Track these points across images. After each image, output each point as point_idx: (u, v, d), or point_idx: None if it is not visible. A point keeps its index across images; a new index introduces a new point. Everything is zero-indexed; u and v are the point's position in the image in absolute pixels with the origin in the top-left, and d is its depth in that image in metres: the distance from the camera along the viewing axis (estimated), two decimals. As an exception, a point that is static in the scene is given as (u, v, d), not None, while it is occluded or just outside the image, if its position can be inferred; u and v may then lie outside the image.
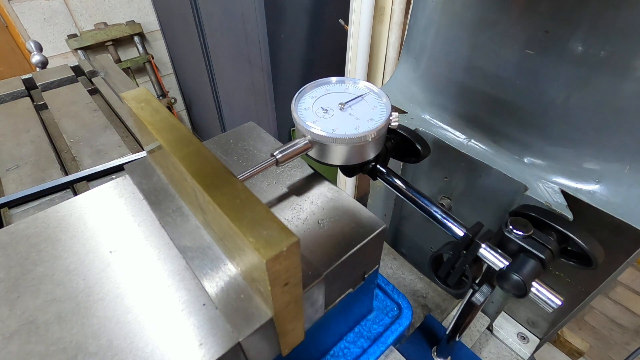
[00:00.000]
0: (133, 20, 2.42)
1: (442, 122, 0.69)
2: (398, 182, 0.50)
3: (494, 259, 0.42)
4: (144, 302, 0.36)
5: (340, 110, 0.46)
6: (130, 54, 2.55)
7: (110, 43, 2.37)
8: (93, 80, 1.25)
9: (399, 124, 0.46)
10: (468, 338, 0.75)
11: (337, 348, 0.54)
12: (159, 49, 2.67)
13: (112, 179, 0.52)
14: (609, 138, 0.50)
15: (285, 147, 0.43)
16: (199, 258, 0.38)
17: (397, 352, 0.58)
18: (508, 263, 0.41)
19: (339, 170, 0.56)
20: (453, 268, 0.46)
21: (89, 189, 0.48)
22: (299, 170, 0.50)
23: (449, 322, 0.61)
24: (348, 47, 1.38)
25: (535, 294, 0.40)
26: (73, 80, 1.18)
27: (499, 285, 0.42)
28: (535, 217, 0.47)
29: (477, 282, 0.48)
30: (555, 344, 1.82)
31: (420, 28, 0.66)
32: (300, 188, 0.47)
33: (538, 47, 0.50)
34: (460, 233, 0.45)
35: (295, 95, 0.48)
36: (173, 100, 2.88)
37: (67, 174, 0.80)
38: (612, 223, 0.49)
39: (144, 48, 2.55)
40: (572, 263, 0.46)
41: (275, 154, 0.42)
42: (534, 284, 0.40)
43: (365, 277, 0.46)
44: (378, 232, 0.41)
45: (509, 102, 0.57)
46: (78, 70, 1.31)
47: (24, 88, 1.13)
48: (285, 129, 1.82)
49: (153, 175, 0.48)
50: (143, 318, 0.34)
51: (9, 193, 0.74)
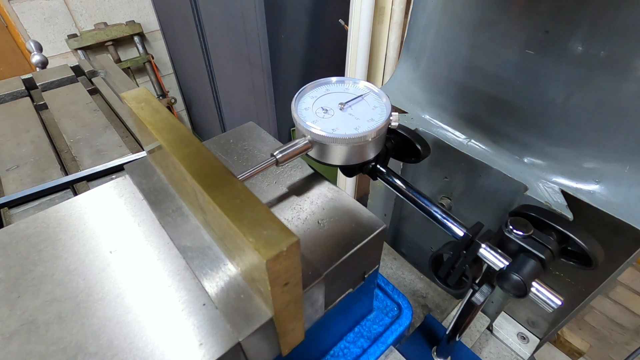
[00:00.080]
0: (133, 20, 2.43)
1: (442, 122, 0.69)
2: (398, 182, 0.50)
3: (494, 259, 0.42)
4: (144, 302, 0.36)
5: (340, 110, 0.46)
6: (130, 54, 2.55)
7: (110, 43, 2.37)
8: (93, 80, 1.25)
9: (399, 124, 0.46)
10: (468, 338, 0.75)
11: (337, 348, 0.54)
12: (159, 49, 2.67)
13: (112, 179, 0.52)
14: (609, 138, 0.50)
15: (285, 147, 0.43)
16: (199, 258, 0.38)
17: (397, 352, 0.58)
18: (508, 263, 0.41)
19: (339, 170, 0.56)
20: (453, 268, 0.46)
21: (89, 189, 0.48)
22: (299, 170, 0.50)
23: (449, 322, 0.61)
24: (348, 47, 1.38)
25: (535, 294, 0.40)
26: (73, 80, 1.18)
27: (499, 285, 0.42)
28: (535, 217, 0.47)
29: (477, 282, 0.48)
30: (555, 344, 1.82)
31: (420, 28, 0.66)
32: (300, 188, 0.47)
33: (538, 47, 0.50)
34: (460, 233, 0.45)
35: (295, 95, 0.48)
36: (173, 100, 2.88)
37: (67, 174, 0.80)
38: (612, 223, 0.49)
39: (144, 48, 2.55)
40: (572, 263, 0.46)
41: (275, 154, 0.42)
42: (534, 284, 0.40)
43: (365, 277, 0.46)
44: (378, 232, 0.41)
45: (509, 102, 0.57)
46: (78, 70, 1.31)
47: (24, 88, 1.13)
48: (285, 129, 1.82)
49: (153, 175, 0.48)
50: (143, 318, 0.34)
51: (9, 193, 0.74)
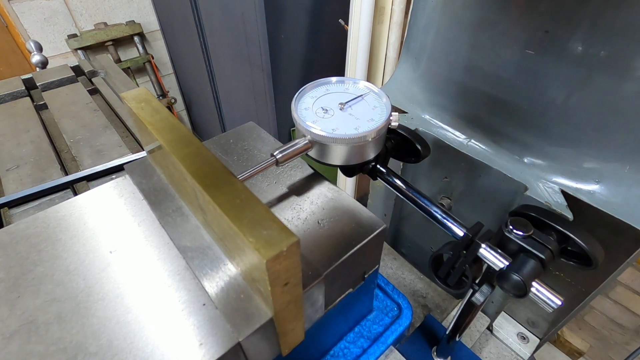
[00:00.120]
0: (133, 20, 2.43)
1: (442, 122, 0.69)
2: (398, 182, 0.50)
3: (494, 259, 0.42)
4: (144, 302, 0.36)
5: (340, 110, 0.46)
6: (130, 54, 2.55)
7: (110, 43, 2.37)
8: (93, 80, 1.25)
9: (399, 124, 0.46)
10: (468, 338, 0.75)
11: (337, 348, 0.54)
12: (159, 49, 2.67)
13: (112, 179, 0.52)
14: (609, 138, 0.50)
15: (285, 147, 0.43)
16: (199, 258, 0.38)
17: (397, 352, 0.58)
18: (508, 263, 0.41)
19: (339, 170, 0.56)
20: (453, 268, 0.46)
21: (89, 189, 0.48)
22: (299, 170, 0.50)
23: (449, 322, 0.61)
24: (348, 47, 1.38)
25: (535, 294, 0.40)
26: (73, 80, 1.18)
27: (499, 285, 0.42)
28: (535, 217, 0.47)
29: (477, 282, 0.48)
30: (555, 344, 1.82)
31: (420, 28, 0.66)
32: (300, 188, 0.47)
33: (538, 47, 0.50)
34: (460, 233, 0.45)
35: (295, 95, 0.48)
36: (173, 100, 2.88)
37: (67, 174, 0.80)
38: (612, 223, 0.49)
39: (144, 48, 2.55)
40: (572, 263, 0.46)
41: (275, 154, 0.42)
42: (534, 284, 0.40)
43: (365, 277, 0.46)
44: (378, 232, 0.41)
45: (509, 102, 0.57)
46: (78, 70, 1.31)
47: (24, 88, 1.13)
48: (285, 129, 1.82)
49: (153, 175, 0.48)
50: (143, 318, 0.34)
51: (9, 193, 0.74)
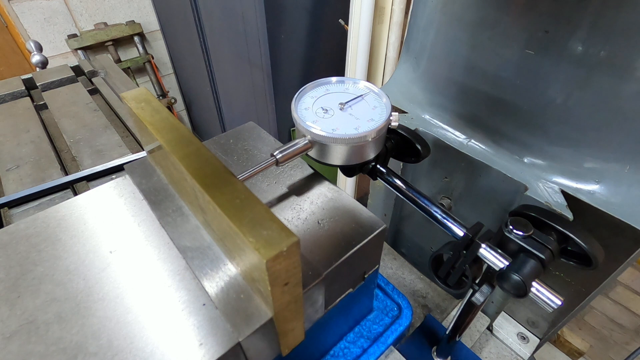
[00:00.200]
0: (133, 20, 2.43)
1: (442, 122, 0.68)
2: (398, 182, 0.50)
3: (494, 259, 0.42)
4: (144, 302, 0.36)
5: (340, 110, 0.46)
6: (130, 54, 2.55)
7: (110, 43, 2.37)
8: (93, 80, 1.25)
9: (399, 124, 0.46)
10: (468, 338, 0.75)
11: (337, 348, 0.54)
12: (159, 49, 2.67)
13: (112, 179, 0.52)
14: (609, 138, 0.50)
15: (285, 147, 0.43)
16: (199, 258, 0.38)
17: (397, 352, 0.58)
18: (508, 263, 0.41)
19: (339, 170, 0.56)
20: (453, 268, 0.46)
21: (89, 189, 0.48)
22: (299, 170, 0.50)
23: (449, 322, 0.61)
24: (348, 47, 1.38)
25: (535, 294, 0.40)
26: (73, 80, 1.18)
27: (499, 285, 0.42)
28: (535, 217, 0.47)
29: (477, 282, 0.48)
30: (555, 344, 1.82)
31: (420, 28, 0.66)
32: (300, 188, 0.47)
33: (538, 47, 0.50)
34: (460, 233, 0.45)
35: (295, 95, 0.48)
36: (173, 100, 2.88)
37: (67, 174, 0.80)
38: (612, 223, 0.49)
39: (144, 48, 2.55)
40: (572, 263, 0.46)
41: (275, 154, 0.42)
42: (534, 284, 0.40)
43: (365, 277, 0.46)
44: (378, 232, 0.41)
45: (509, 102, 0.57)
46: (78, 70, 1.31)
47: (24, 88, 1.13)
48: (285, 129, 1.82)
49: (153, 175, 0.48)
50: (143, 318, 0.34)
51: (9, 193, 0.74)
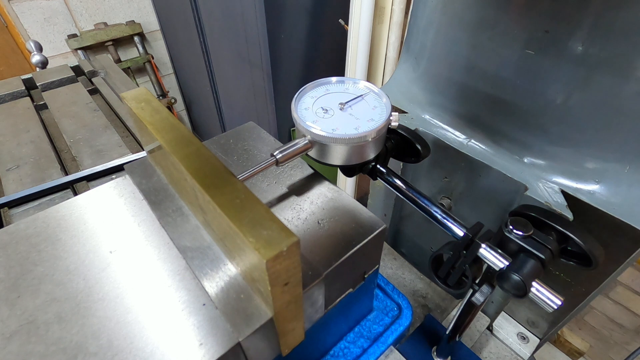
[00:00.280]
0: (133, 20, 2.43)
1: (442, 122, 0.68)
2: (398, 182, 0.50)
3: (494, 259, 0.42)
4: (144, 302, 0.36)
5: (340, 110, 0.46)
6: (130, 54, 2.55)
7: (110, 43, 2.37)
8: (93, 80, 1.25)
9: (399, 124, 0.46)
10: (468, 338, 0.75)
11: (337, 348, 0.54)
12: (159, 49, 2.67)
13: (112, 179, 0.52)
14: (609, 138, 0.50)
15: (285, 147, 0.43)
16: (199, 258, 0.38)
17: (397, 352, 0.58)
18: (508, 263, 0.41)
19: (339, 170, 0.56)
20: (453, 268, 0.46)
21: (89, 189, 0.48)
22: (299, 170, 0.50)
23: (449, 322, 0.60)
24: (348, 47, 1.38)
25: (535, 294, 0.40)
26: (73, 80, 1.18)
27: (499, 285, 0.42)
28: (535, 217, 0.47)
29: (477, 282, 0.48)
30: (555, 344, 1.82)
31: (420, 28, 0.66)
32: (300, 188, 0.47)
33: (538, 47, 0.50)
34: (460, 233, 0.45)
35: (295, 95, 0.48)
36: (173, 100, 2.88)
37: (67, 174, 0.80)
38: (612, 223, 0.49)
39: (144, 48, 2.55)
40: (572, 263, 0.46)
41: (275, 154, 0.42)
42: (534, 284, 0.40)
43: (365, 277, 0.46)
44: (378, 232, 0.41)
45: (509, 102, 0.57)
46: (78, 70, 1.31)
47: (24, 88, 1.13)
48: (285, 129, 1.82)
49: (153, 175, 0.48)
50: (143, 318, 0.34)
51: (9, 193, 0.74)
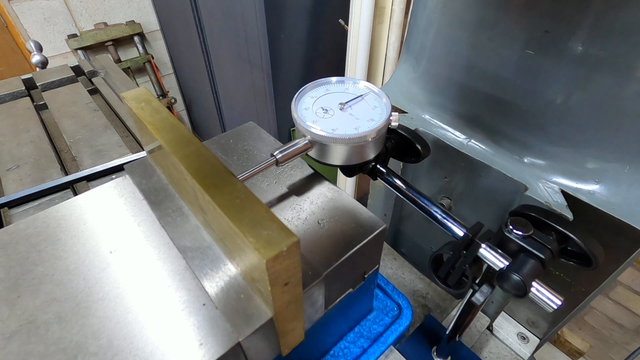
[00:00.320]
0: (133, 20, 2.43)
1: (442, 122, 0.68)
2: (398, 182, 0.50)
3: (494, 259, 0.42)
4: (144, 302, 0.36)
5: (340, 110, 0.46)
6: (130, 54, 2.55)
7: (110, 43, 2.37)
8: (93, 80, 1.25)
9: (399, 124, 0.46)
10: (468, 338, 0.75)
11: (337, 348, 0.54)
12: (159, 49, 2.67)
13: (112, 179, 0.52)
14: (609, 138, 0.50)
15: (285, 147, 0.43)
16: (199, 258, 0.38)
17: (397, 352, 0.58)
18: (508, 263, 0.41)
19: (339, 170, 0.56)
20: (453, 268, 0.46)
21: (89, 189, 0.48)
22: (299, 170, 0.50)
23: (449, 322, 0.61)
24: (348, 47, 1.38)
25: (535, 294, 0.40)
26: (73, 80, 1.18)
27: (499, 285, 0.42)
28: (535, 217, 0.47)
29: (477, 282, 0.48)
30: (555, 344, 1.82)
31: (420, 28, 0.66)
32: (300, 188, 0.47)
33: (538, 47, 0.50)
34: (460, 233, 0.45)
35: (295, 95, 0.48)
36: (173, 100, 2.88)
37: (67, 174, 0.80)
38: (612, 223, 0.49)
39: (144, 48, 2.55)
40: (572, 263, 0.46)
41: (275, 154, 0.42)
42: (534, 284, 0.40)
43: (365, 277, 0.46)
44: (378, 232, 0.41)
45: (509, 102, 0.57)
46: (78, 70, 1.31)
47: (24, 88, 1.13)
48: (285, 129, 1.82)
49: (153, 175, 0.48)
50: (143, 318, 0.34)
51: (9, 193, 0.74)
